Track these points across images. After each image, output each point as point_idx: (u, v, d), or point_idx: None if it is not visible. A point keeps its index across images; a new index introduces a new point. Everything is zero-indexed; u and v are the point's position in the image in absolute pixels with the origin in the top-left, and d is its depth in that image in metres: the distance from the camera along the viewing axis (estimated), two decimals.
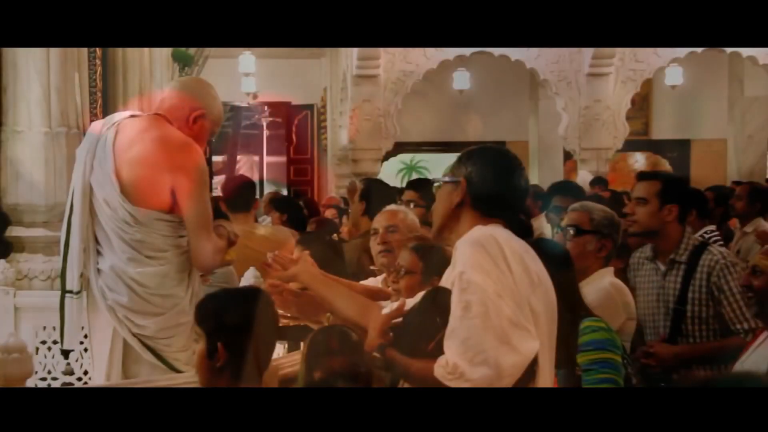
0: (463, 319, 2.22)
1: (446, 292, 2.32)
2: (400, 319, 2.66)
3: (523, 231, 3.96)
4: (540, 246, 3.19)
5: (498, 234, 2.34)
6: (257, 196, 5.63)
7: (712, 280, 3.70)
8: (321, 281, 2.90)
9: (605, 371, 3.11)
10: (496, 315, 2.20)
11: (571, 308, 3.15)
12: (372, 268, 4.00)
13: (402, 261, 3.33)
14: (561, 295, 2.96)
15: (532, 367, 2.27)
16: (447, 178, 2.55)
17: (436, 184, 2.67)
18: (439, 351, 2.27)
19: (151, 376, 3.30)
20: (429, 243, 3.35)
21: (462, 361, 2.20)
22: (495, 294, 2.22)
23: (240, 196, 5.15)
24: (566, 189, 6.39)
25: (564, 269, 3.21)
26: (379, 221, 4.02)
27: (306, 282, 2.91)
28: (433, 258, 3.18)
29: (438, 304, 2.36)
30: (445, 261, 2.72)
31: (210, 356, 2.62)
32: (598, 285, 3.55)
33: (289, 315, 3.23)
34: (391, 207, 4.20)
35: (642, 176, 4.11)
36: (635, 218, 3.91)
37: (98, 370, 3.42)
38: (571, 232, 3.70)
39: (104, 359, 3.38)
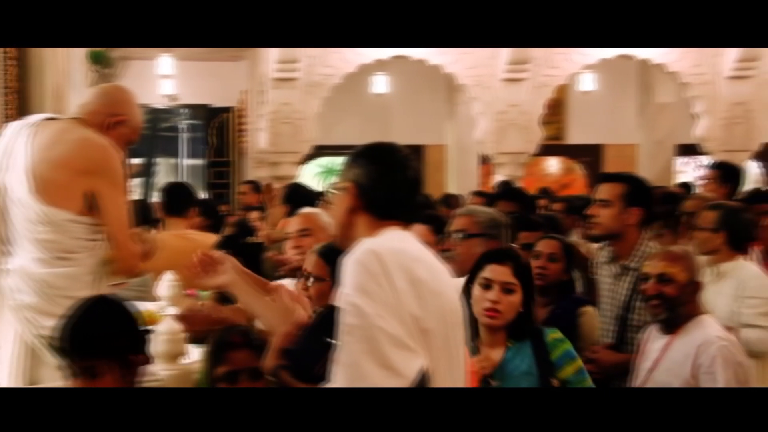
0: (345, 344, 2.13)
1: (336, 311, 2.20)
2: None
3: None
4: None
5: (383, 247, 2.20)
6: (194, 204, 5.37)
7: None
8: (247, 292, 2.83)
9: (587, 378, 3.18)
10: (377, 338, 2.10)
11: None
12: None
13: (308, 266, 3.20)
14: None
15: (423, 384, 2.15)
16: (336, 187, 2.42)
17: (329, 193, 2.53)
18: (326, 373, 2.18)
19: (54, 379, 3.29)
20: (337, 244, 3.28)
21: None
22: (376, 315, 2.11)
23: (176, 200, 5.12)
24: (512, 195, 6.23)
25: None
26: (293, 224, 3.99)
27: (234, 292, 2.86)
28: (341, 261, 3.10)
29: (327, 324, 2.25)
30: None
31: (128, 373, 2.59)
32: None
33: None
34: (306, 210, 4.14)
35: (605, 177, 3.97)
36: (597, 220, 3.82)
37: (2, 373, 3.38)
38: (459, 236, 3.64)
39: (7, 361, 3.36)
